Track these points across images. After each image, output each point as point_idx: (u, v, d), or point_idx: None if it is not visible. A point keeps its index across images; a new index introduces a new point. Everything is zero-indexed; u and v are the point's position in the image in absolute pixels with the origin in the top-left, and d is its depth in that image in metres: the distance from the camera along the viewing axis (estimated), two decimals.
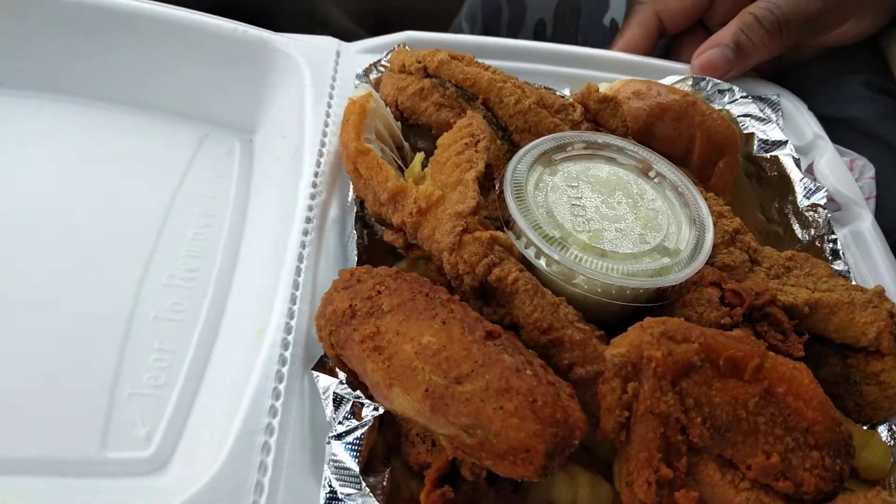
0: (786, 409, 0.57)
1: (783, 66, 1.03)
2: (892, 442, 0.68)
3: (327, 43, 0.91)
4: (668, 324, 0.57)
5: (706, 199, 0.74)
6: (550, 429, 0.50)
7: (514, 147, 0.76)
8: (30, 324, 0.71)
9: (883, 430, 0.69)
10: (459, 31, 1.40)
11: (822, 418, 0.58)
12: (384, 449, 0.61)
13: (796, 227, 0.82)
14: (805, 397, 0.58)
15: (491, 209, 0.70)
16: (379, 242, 0.75)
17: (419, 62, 0.80)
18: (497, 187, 0.67)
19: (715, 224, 0.71)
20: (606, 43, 1.15)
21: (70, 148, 0.85)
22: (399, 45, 0.89)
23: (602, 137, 0.72)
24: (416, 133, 0.84)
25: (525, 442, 0.50)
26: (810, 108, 0.95)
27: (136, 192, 0.83)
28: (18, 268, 0.74)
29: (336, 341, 0.59)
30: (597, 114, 0.77)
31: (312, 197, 0.74)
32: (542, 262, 0.62)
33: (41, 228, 0.78)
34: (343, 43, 0.92)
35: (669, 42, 1.04)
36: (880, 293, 0.70)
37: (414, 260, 0.72)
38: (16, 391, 0.66)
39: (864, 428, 0.69)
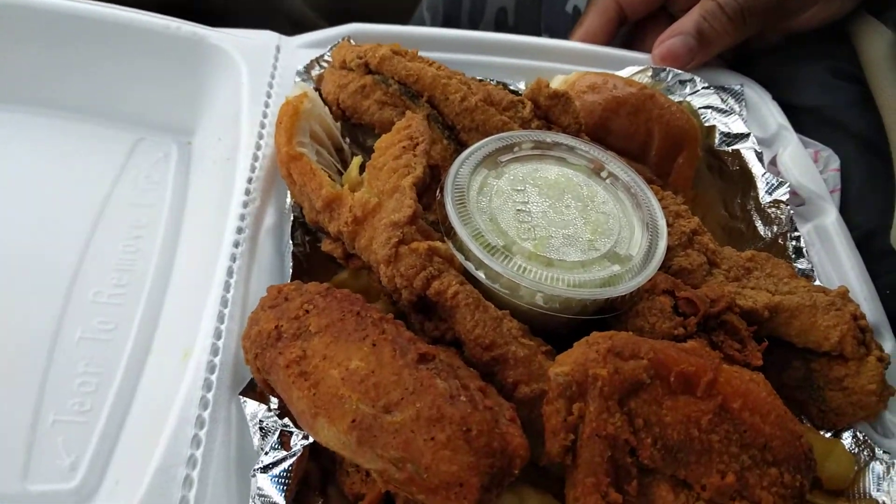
0: (741, 425, 0.54)
1: (749, 52, 0.99)
2: (857, 449, 0.65)
3: (266, 37, 0.86)
4: (616, 339, 0.53)
5: (663, 199, 0.70)
6: (486, 460, 0.47)
7: (461, 147, 0.72)
8: None
9: (847, 437, 0.66)
10: (421, 21, 1.36)
11: (780, 433, 0.55)
12: (319, 476, 0.58)
13: (759, 223, 0.79)
14: (762, 411, 0.55)
15: (437, 214, 0.66)
16: (322, 251, 0.71)
17: (360, 58, 0.75)
18: (438, 193, 0.63)
19: (672, 225, 0.68)
20: (569, 31, 1.11)
21: None
22: (343, 39, 0.85)
23: (551, 136, 0.68)
24: (363, 131, 0.80)
25: (458, 475, 0.46)
26: (775, 95, 0.92)
27: (64, 201, 0.78)
28: None
29: (262, 365, 0.55)
30: (548, 110, 0.73)
31: (245, 205, 0.70)
32: (482, 274, 0.58)
33: None
34: (284, 37, 0.87)
35: (632, 29, 1.00)
36: (843, 294, 0.67)
37: (356, 270, 0.69)
38: None
39: (828, 435, 0.67)
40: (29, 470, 0.62)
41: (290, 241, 0.69)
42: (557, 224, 0.61)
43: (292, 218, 0.71)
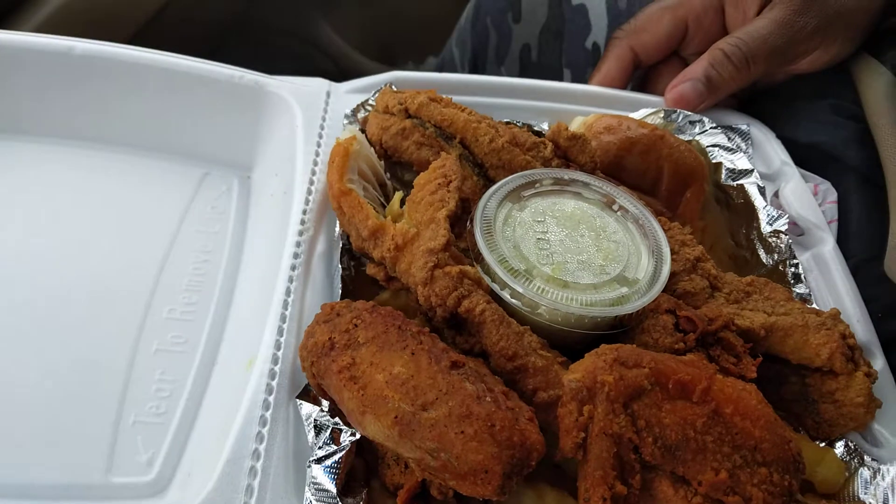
0: (733, 427, 0.61)
1: (756, 91, 1.07)
2: (848, 457, 0.71)
3: (318, 84, 0.97)
4: (621, 350, 0.61)
5: (670, 229, 0.78)
6: (507, 451, 0.55)
7: (489, 182, 0.81)
8: (42, 355, 0.76)
9: (840, 446, 0.72)
10: (450, 55, 1.45)
11: (769, 436, 0.62)
12: (364, 470, 0.66)
13: (761, 252, 0.86)
14: (752, 417, 0.62)
15: (467, 242, 0.75)
16: (366, 273, 0.81)
17: (401, 104, 0.85)
18: (469, 224, 0.72)
19: (677, 252, 0.76)
20: (589, 66, 1.20)
21: (78, 191, 0.92)
22: (385, 86, 0.95)
23: (569, 174, 0.77)
24: (402, 167, 0.90)
25: (484, 463, 0.54)
26: (779, 132, 0.99)
27: (140, 229, 0.89)
28: (32, 304, 0.80)
29: (317, 371, 0.64)
30: (566, 150, 0.82)
31: (300, 234, 0.79)
32: (506, 294, 0.67)
33: (53, 265, 0.84)
34: (333, 84, 0.98)
35: (645, 72, 1.09)
36: (835, 315, 0.74)
37: (396, 291, 0.78)
38: (28, 420, 0.72)
39: (821, 444, 0.73)
40: (112, 464, 0.71)
41: (339, 265, 0.78)
42: (573, 251, 0.70)
43: (340, 245, 0.80)
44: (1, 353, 0.76)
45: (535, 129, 0.95)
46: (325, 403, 0.66)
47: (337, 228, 0.81)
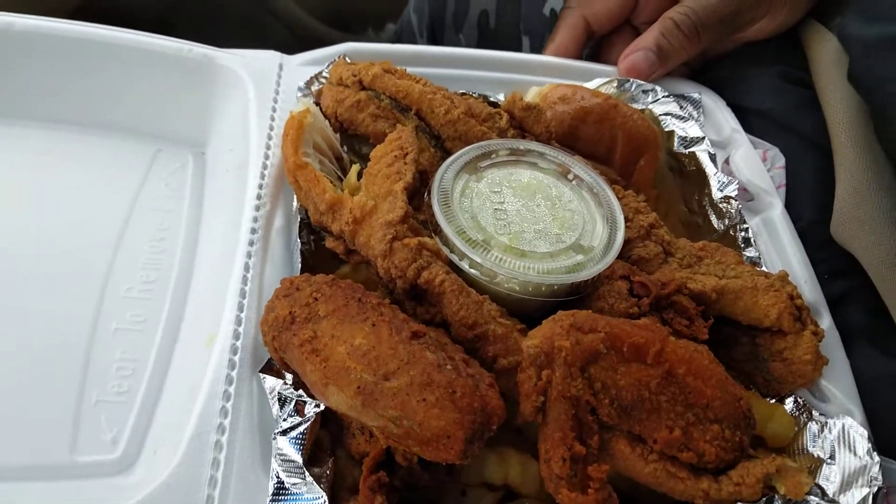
0: (686, 387, 0.63)
1: (707, 59, 1.09)
2: (798, 412, 0.74)
3: (270, 57, 0.95)
4: (577, 316, 0.63)
5: (624, 197, 0.80)
6: (469, 416, 0.56)
7: (446, 154, 0.81)
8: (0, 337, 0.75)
9: (790, 402, 0.75)
10: (408, 21, 1.44)
11: (720, 394, 0.64)
12: (329, 441, 0.67)
13: (713, 217, 0.88)
14: (704, 376, 0.64)
15: (426, 214, 0.75)
16: (326, 247, 0.81)
17: (355, 75, 0.85)
18: (426, 196, 0.72)
19: (632, 220, 0.78)
20: (547, 32, 1.20)
21: (27, 170, 0.89)
22: (339, 57, 0.94)
23: (524, 144, 0.78)
24: (358, 140, 0.89)
25: (446, 429, 0.55)
26: (729, 99, 1.01)
27: (94, 208, 0.87)
28: None
29: (279, 345, 0.65)
30: (522, 121, 0.83)
31: (257, 208, 0.79)
32: (465, 265, 0.67)
33: (6, 245, 0.82)
34: (286, 56, 0.97)
35: (599, 41, 1.10)
36: (783, 277, 0.77)
37: (356, 264, 0.78)
38: None
39: (771, 401, 0.76)
40: (76, 444, 0.70)
41: (298, 240, 0.78)
42: (529, 220, 0.71)
43: (299, 219, 0.80)
44: None
45: (491, 99, 0.96)
46: (289, 377, 0.67)
47: (294, 203, 0.81)
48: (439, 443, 0.56)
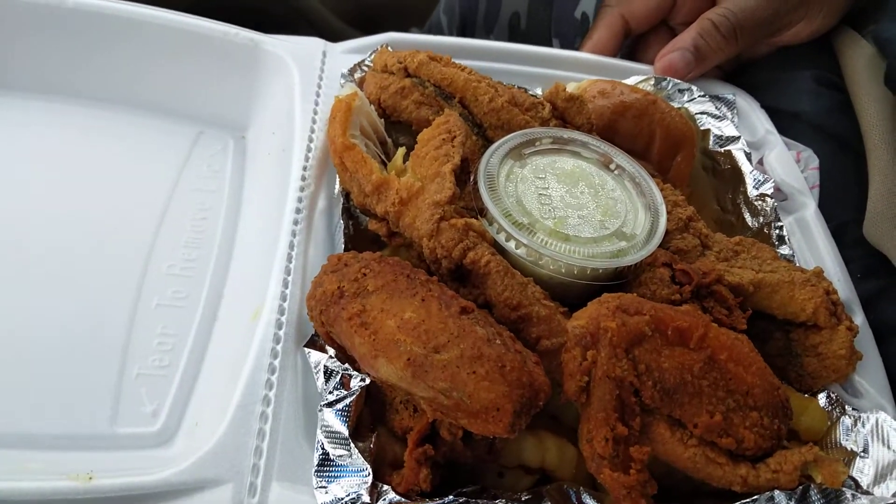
0: (727, 373, 0.64)
1: (741, 62, 1.10)
2: (830, 407, 0.75)
3: (314, 44, 0.97)
4: (623, 298, 0.64)
5: (663, 190, 0.81)
6: (517, 390, 0.57)
7: (488, 142, 0.82)
8: (44, 312, 0.77)
9: (822, 397, 0.75)
10: (438, 23, 1.45)
11: (760, 382, 0.65)
12: (370, 418, 0.67)
13: (747, 215, 0.89)
14: (744, 363, 0.65)
15: (467, 200, 0.76)
16: (363, 232, 0.82)
17: (400, 63, 0.86)
18: (472, 179, 0.73)
19: (670, 212, 0.78)
20: (578, 35, 1.22)
21: (73, 148, 0.91)
22: (382, 46, 0.95)
23: (567, 133, 0.79)
24: (397, 129, 0.90)
25: (495, 401, 0.56)
26: (763, 101, 1.02)
27: (137, 188, 0.88)
28: (31, 261, 0.80)
29: (326, 320, 0.65)
30: (564, 111, 0.84)
31: (301, 189, 0.80)
32: (511, 245, 0.68)
33: (50, 223, 0.84)
34: (329, 43, 0.98)
35: (635, 40, 1.11)
36: (818, 273, 0.77)
37: (396, 247, 0.79)
38: (33, 374, 0.72)
39: (805, 396, 0.76)
40: (117, 416, 0.71)
41: (340, 221, 0.79)
42: (573, 206, 0.72)
43: (340, 203, 0.81)
44: (7, 308, 0.76)
45: (530, 93, 0.97)
46: (332, 352, 0.68)
47: (336, 186, 0.82)
48: (488, 415, 0.56)
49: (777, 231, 0.86)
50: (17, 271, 0.78)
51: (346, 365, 0.66)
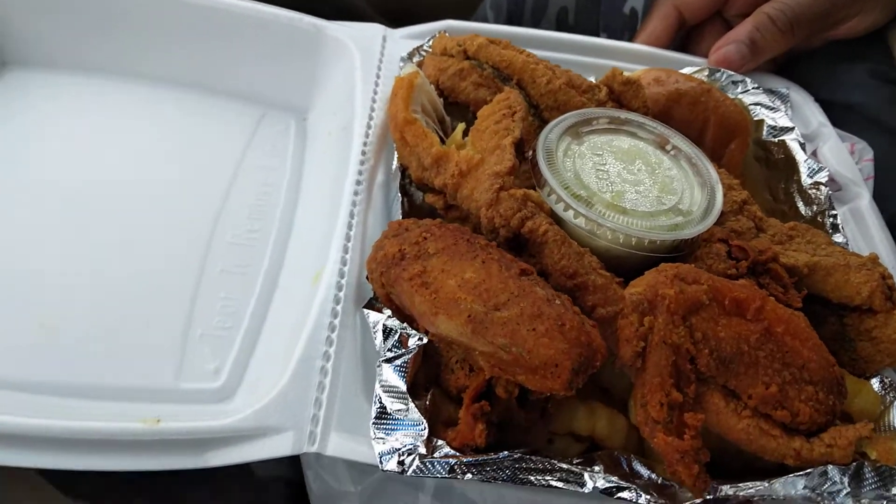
0: (784, 346, 0.64)
1: (793, 55, 1.10)
2: (884, 391, 0.74)
3: (375, 29, 1.00)
4: (681, 268, 0.65)
5: (719, 173, 0.82)
6: (576, 349, 0.58)
7: (544, 124, 0.84)
8: (117, 273, 0.80)
9: (875, 382, 0.75)
10: (484, 18, 1.47)
11: (816, 357, 0.65)
12: (424, 379, 0.69)
13: (800, 204, 0.89)
14: (801, 337, 0.65)
15: (524, 179, 0.78)
16: (418, 209, 0.84)
17: (459, 46, 0.88)
18: (531, 154, 0.75)
19: (726, 194, 0.79)
20: (626, 30, 1.23)
21: (145, 125, 0.95)
22: (440, 32, 0.98)
23: (624, 114, 0.80)
24: (453, 113, 0.93)
25: (554, 357, 0.57)
26: (817, 94, 1.02)
27: (204, 164, 0.92)
28: (107, 226, 0.84)
29: (387, 281, 0.67)
30: (620, 95, 0.86)
31: (362, 163, 0.83)
32: (570, 215, 0.70)
33: (126, 195, 0.88)
34: (389, 29, 1.01)
35: (688, 32, 1.12)
36: (874, 259, 0.77)
37: (452, 220, 0.81)
38: (105, 331, 0.76)
39: (858, 379, 0.76)
40: (181, 371, 0.74)
41: (399, 194, 0.81)
42: (630, 182, 0.73)
43: (398, 179, 0.84)
44: (83, 268, 0.80)
45: None
46: (389, 313, 0.69)
47: (395, 162, 0.84)
48: (547, 370, 0.57)
49: (831, 220, 0.86)
50: (95, 235, 0.82)
51: (405, 324, 0.67)
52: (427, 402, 0.65)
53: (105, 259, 0.81)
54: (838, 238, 0.84)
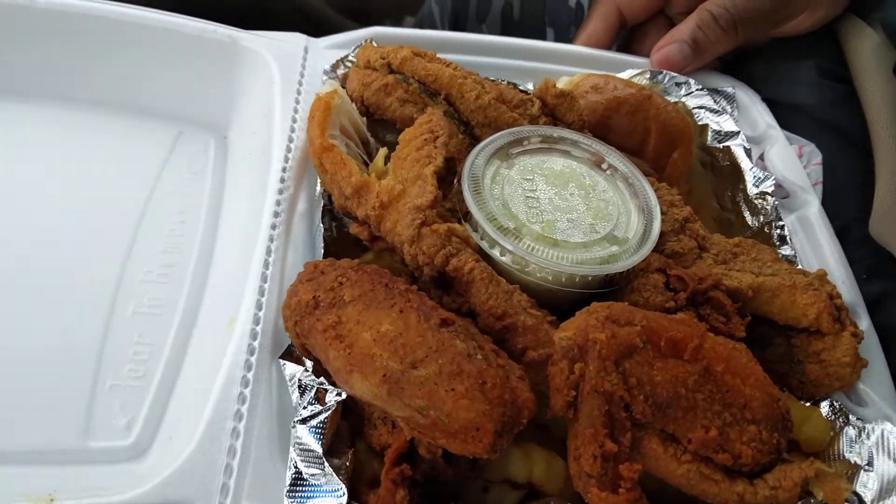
0: (724, 386, 0.61)
1: (740, 52, 1.06)
2: (833, 416, 0.71)
3: (296, 39, 0.93)
4: (613, 308, 0.61)
5: (658, 189, 0.77)
6: (499, 409, 0.54)
7: (475, 141, 0.79)
8: (13, 320, 0.74)
9: (825, 406, 0.72)
10: (430, 13, 1.42)
11: (759, 394, 0.62)
12: (349, 432, 0.64)
13: (747, 214, 0.86)
14: (742, 375, 0.62)
15: (454, 201, 0.73)
16: (348, 234, 0.79)
17: (383, 58, 0.83)
18: (456, 181, 0.70)
19: (666, 213, 0.75)
20: (572, 24, 1.18)
21: (47, 150, 0.88)
22: (365, 41, 0.92)
23: (557, 132, 0.75)
24: (383, 127, 0.87)
25: (475, 421, 0.53)
26: (763, 93, 0.98)
27: (114, 191, 0.85)
28: (4, 266, 0.77)
29: (301, 331, 0.62)
30: (554, 108, 0.81)
31: (280, 192, 0.77)
32: (496, 252, 0.65)
33: (23, 227, 0.81)
34: (311, 39, 0.95)
35: (630, 31, 1.08)
36: (821, 276, 0.74)
37: (380, 251, 0.76)
38: (1, 387, 0.70)
39: (807, 404, 0.73)
40: (89, 428, 0.69)
41: (321, 225, 0.76)
42: (562, 209, 0.69)
43: (322, 205, 0.78)
44: None
45: (520, 88, 0.93)
46: (309, 364, 0.65)
47: (318, 187, 0.79)
48: (468, 435, 0.53)
49: (778, 231, 0.83)
50: None
51: (322, 379, 0.63)
52: (348, 462, 0.61)
53: (3, 302, 0.75)
54: (786, 251, 0.81)
